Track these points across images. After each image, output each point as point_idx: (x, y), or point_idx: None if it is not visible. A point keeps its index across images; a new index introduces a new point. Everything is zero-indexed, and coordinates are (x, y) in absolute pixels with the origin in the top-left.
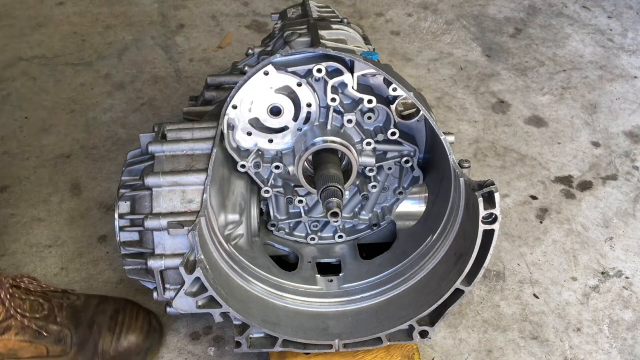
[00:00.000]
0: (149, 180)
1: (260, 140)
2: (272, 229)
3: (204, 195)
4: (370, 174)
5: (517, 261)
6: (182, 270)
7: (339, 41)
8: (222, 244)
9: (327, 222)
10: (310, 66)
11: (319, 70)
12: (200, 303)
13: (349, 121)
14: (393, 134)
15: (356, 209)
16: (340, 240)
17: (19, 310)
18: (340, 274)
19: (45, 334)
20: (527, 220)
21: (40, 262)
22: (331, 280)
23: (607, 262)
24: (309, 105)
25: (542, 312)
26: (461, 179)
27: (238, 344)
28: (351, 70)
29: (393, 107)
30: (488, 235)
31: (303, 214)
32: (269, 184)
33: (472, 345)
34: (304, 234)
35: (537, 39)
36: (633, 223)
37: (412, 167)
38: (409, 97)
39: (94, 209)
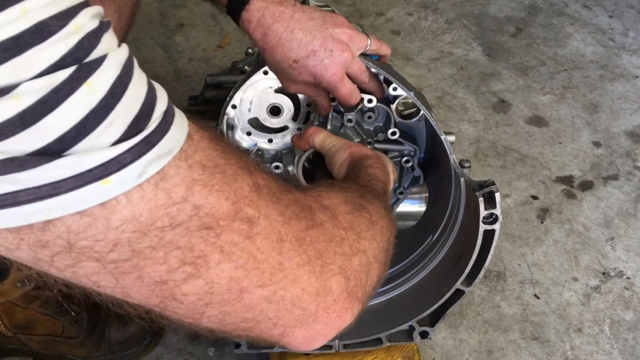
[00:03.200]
0: None
1: (259, 140)
2: None
3: None
4: None
5: (518, 261)
6: None
7: None
8: None
9: None
10: None
11: None
12: None
13: (349, 121)
14: (393, 133)
15: None
16: None
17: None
18: None
19: (67, 309)
20: (528, 220)
21: None
22: None
23: (608, 263)
24: (308, 105)
25: (543, 313)
26: (462, 179)
27: (237, 345)
28: None
29: (393, 106)
30: (489, 235)
31: None
32: None
33: (472, 346)
34: None
35: (538, 38)
36: (634, 223)
37: (412, 167)
38: (409, 97)
39: None
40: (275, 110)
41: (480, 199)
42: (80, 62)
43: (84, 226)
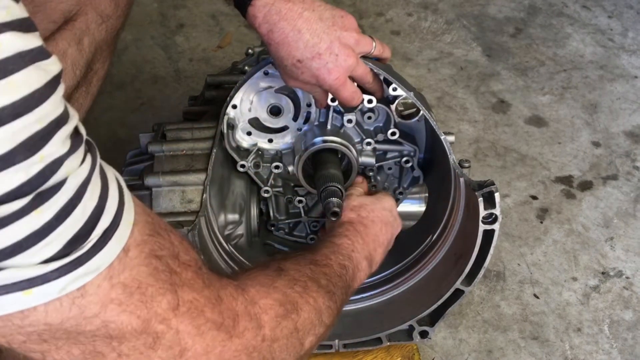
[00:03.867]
0: (149, 181)
1: (260, 140)
2: (272, 229)
3: (204, 195)
4: (370, 174)
5: (518, 261)
6: None
7: None
8: (222, 244)
9: None
10: None
11: None
12: None
13: (349, 121)
14: (393, 134)
15: None
16: None
17: None
18: None
19: None
20: (528, 220)
21: None
22: None
23: (607, 262)
24: (309, 105)
25: (543, 313)
26: (461, 179)
27: None
28: None
29: (393, 107)
30: (488, 235)
31: (303, 214)
32: (268, 184)
33: (472, 346)
34: (303, 234)
35: (538, 38)
36: (633, 223)
37: (412, 167)
38: (409, 97)
39: None
40: (275, 110)
41: (480, 199)
42: (37, 188)
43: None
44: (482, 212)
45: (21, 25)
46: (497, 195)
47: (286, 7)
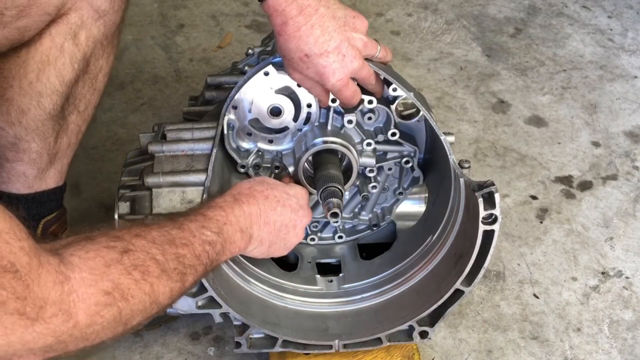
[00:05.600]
0: (149, 181)
1: (260, 141)
2: None
3: (204, 195)
4: (371, 175)
5: (517, 261)
6: None
7: None
8: None
9: (328, 223)
10: None
11: None
12: (200, 303)
13: (349, 122)
14: (393, 134)
15: (356, 210)
16: (340, 240)
17: None
18: (340, 275)
19: None
20: (527, 220)
21: None
22: (331, 281)
23: (607, 262)
24: (309, 105)
25: (542, 312)
26: (461, 180)
27: (238, 345)
28: None
29: (393, 107)
30: (488, 235)
31: None
32: None
33: (472, 346)
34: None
35: (537, 38)
36: (633, 223)
37: (412, 168)
38: (409, 98)
39: (94, 209)
40: (275, 111)
41: (480, 200)
42: None
43: None
44: (482, 213)
45: None
46: (497, 195)
47: (306, 3)
